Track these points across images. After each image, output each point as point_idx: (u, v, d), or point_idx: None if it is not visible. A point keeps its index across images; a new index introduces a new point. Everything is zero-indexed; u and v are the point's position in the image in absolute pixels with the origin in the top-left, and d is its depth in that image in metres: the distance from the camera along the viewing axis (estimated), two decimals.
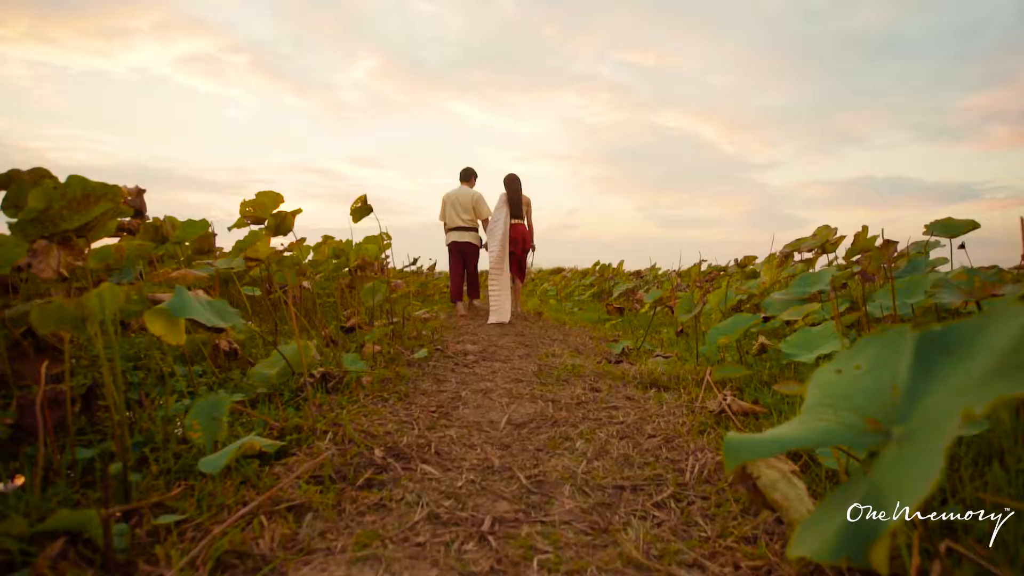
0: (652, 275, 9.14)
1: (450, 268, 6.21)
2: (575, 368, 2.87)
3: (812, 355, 2.24)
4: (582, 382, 2.60)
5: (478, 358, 3.13)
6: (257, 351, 3.17)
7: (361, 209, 3.46)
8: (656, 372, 2.84)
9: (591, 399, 2.23)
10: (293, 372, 2.43)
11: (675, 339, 4.47)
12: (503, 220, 5.75)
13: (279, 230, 3.44)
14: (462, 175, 6.16)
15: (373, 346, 3.10)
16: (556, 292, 10.20)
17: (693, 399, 2.35)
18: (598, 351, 3.80)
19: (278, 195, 3.55)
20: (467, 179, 6.13)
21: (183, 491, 1.27)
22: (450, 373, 2.69)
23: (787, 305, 3.13)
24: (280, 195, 3.55)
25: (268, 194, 3.51)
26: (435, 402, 2.11)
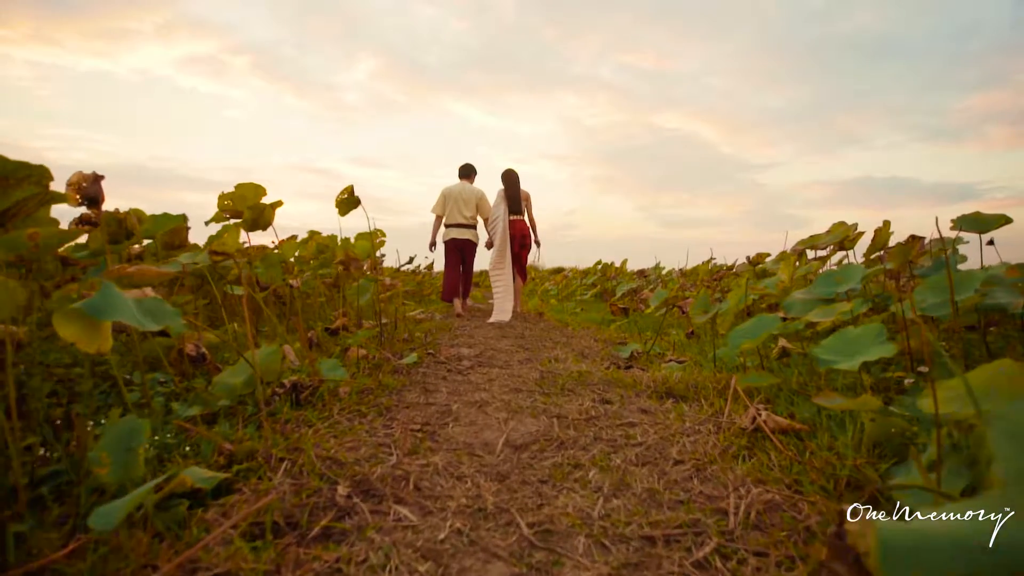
0: (656, 274, 8.83)
1: (446, 265, 5.94)
2: (581, 375, 2.56)
3: (854, 361, 1.93)
4: (590, 391, 2.29)
5: (474, 364, 2.82)
6: (231, 356, 2.87)
7: (347, 201, 3.15)
8: (671, 380, 2.54)
9: (602, 413, 1.92)
10: (262, 381, 2.12)
11: (686, 342, 4.16)
12: (502, 217, 5.49)
13: (257, 224, 3.13)
14: (462, 171, 5.94)
15: (358, 350, 2.79)
16: (557, 292, 9.89)
17: (718, 412, 2.04)
18: (605, 355, 3.49)
19: (259, 187, 3.25)
20: (467, 175, 5.91)
21: (79, 547, 0.96)
22: (441, 382, 2.38)
23: (811, 306, 2.82)
24: (262, 187, 3.25)
25: (249, 186, 3.22)
26: (421, 417, 1.81)
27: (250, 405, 1.93)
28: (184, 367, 2.45)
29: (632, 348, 3.54)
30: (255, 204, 3.07)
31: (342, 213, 3.20)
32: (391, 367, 2.53)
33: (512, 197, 5.64)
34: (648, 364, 3.22)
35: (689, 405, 2.20)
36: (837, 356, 2.06)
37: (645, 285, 8.24)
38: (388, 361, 2.68)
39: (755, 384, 2.23)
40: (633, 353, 3.46)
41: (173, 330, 1.64)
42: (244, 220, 3.09)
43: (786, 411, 2.00)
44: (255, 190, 3.23)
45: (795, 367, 2.83)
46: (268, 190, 3.23)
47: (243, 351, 2.81)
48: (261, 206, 3.08)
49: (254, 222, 3.11)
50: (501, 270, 5.51)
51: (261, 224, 3.14)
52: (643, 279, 9.03)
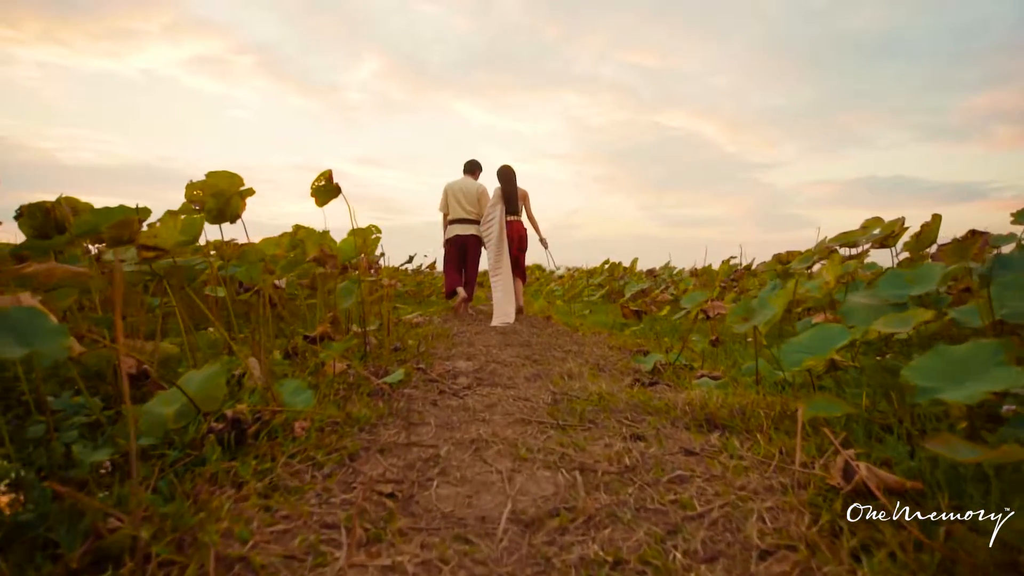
0: (667, 274, 8.33)
1: (446, 261, 5.51)
2: (603, 398, 2.08)
3: (967, 392, 1.45)
4: (617, 422, 1.81)
5: (472, 381, 2.34)
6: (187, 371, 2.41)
7: (324, 190, 2.67)
8: (711, 403, 2.05)
9: (638, 460, 1.43)
10: (198, 411, 1.65)
11: (711, 350, 3.68)
12: (498, 218, 5.05)
13: (223, 215, 2.66)
14: (466, 167, 5.57)
15: (334, 365, 2.32)
16: (563, 292, 9.40)
17: (783, 453, 1.55)
18: (623, 367, 3.01)
19: (235, 176, 2.78)
20: (471, 171, 5.56)
21: None
22: (431, 408, 1.90)
23: (876, 312, 2.34)
24: (237, 176, 2.79)
25: (222, 175, 2.75)
26: (396, 470, 1.32)
27: (176, 447, 1.46)
28: (120, 387, 1.99)
29: (655, 359, 3.05)
30: (218, 191, 2.60)
31: (320, 203, 2.72)
32: (370, 388, 2.05)
33: (508, 196, 5.20)
34: (675, 379, 2.74)
35: (741, 440, 1.72)
36: (939, 383, 1.57)
37: (656, 285, 7.75)
38: (369, 380, 2.20)
39: (823, 413, 1.74)
40: (656, 365, 2.98)
41: (49, 353, 1.17)
42: (208, 211, 2.62)
43: (869, 451, 1.52)
44: (230, 180, 2.76)
45: (853, 386, 2.35)
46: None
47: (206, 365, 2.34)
48: (227, 194, 2.60)
49: (219, 213, 2.64)
50: (499, 272, 5.07)
51: (228, 215, 2.66)
52: (653, 279, 8.53)
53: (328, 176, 2.65)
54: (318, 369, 2.36)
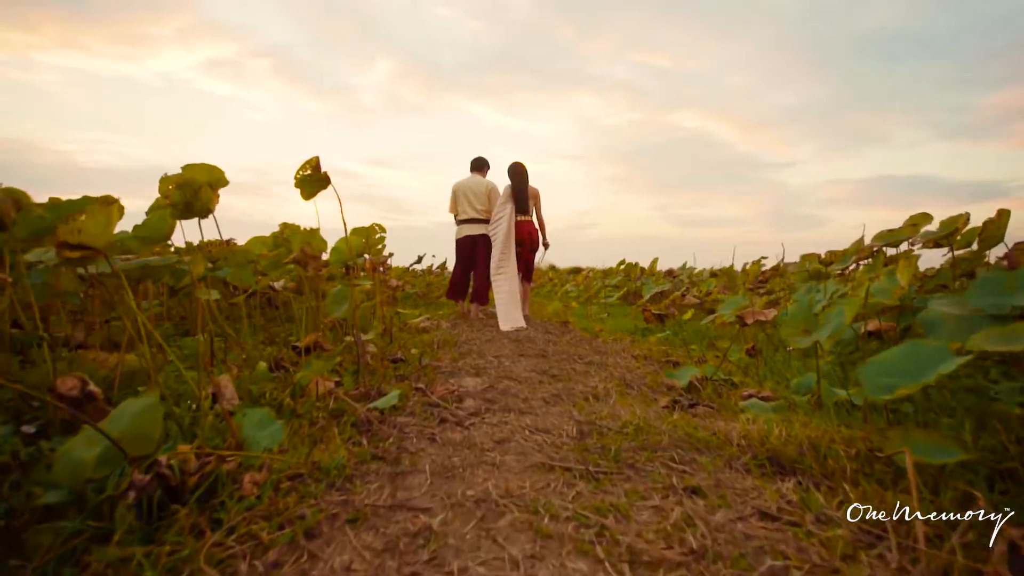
0: (686, 275, 7.89)
1: (456, 263, 5.18)
2: (639, 430, 1.68)
3: None
4: (662, 466, 1.41)
5: (480, 405, 1.94)
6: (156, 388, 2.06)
7: (311, 180, 2.30)
8: (773, 437, 1.64)
9: (705, 537, 1.03)
10: (126, 457, 1.27)
11: (747, 360, 3.27)
12: (507, 217, 4.70)
13: (191, 210, 2.29)
14: (474, 164, 5.23)
15: (317, 385, 1.94)
16: (578, 294, 8.99)
17: (894, 517, 1.15)
18: (654, 382, 2.60)
19: (214, 169, 2.42)
20: (479, 169, 5.22)
21: None
22: (427, 446, 1.51)
23: (968, 325, 1.92)
24: (218, 169, 2.43)
25: (199, 168, 2.39)
26: (369, 555, 0.94)
27: (90, 505, 1.08)
28: (62, 413, 1.64)
29: (689, 373, 2.64)
30: (185, 182, 2.23)
31: (306, 195, 2.34)
32: (356, 417, 1.66)
33: (519, 194, 4.83)
34: (717, 398, 2.33)
35: (823, 492, 1.32)
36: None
37: (676, 287, 7.31)
38: (358, 405, 1.82)
39: (932, 460, 1.34)
40: (692, 381, 2.57)
41: None
42: (173, 204, 2.26)
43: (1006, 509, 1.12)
44: (208, 173, 2.40)
45: (938, 411, 1.94)
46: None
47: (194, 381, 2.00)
48: (195, 186, 2.24)
49: (186, 207, 2.27)
50: (504, 273, 4.68)
51: (197, 210, 2.29)
52: (672, 280, 8.10)
53: (314, 164, 2.27)
54: (299, 391, 1.98)
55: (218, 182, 2.44)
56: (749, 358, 3.38)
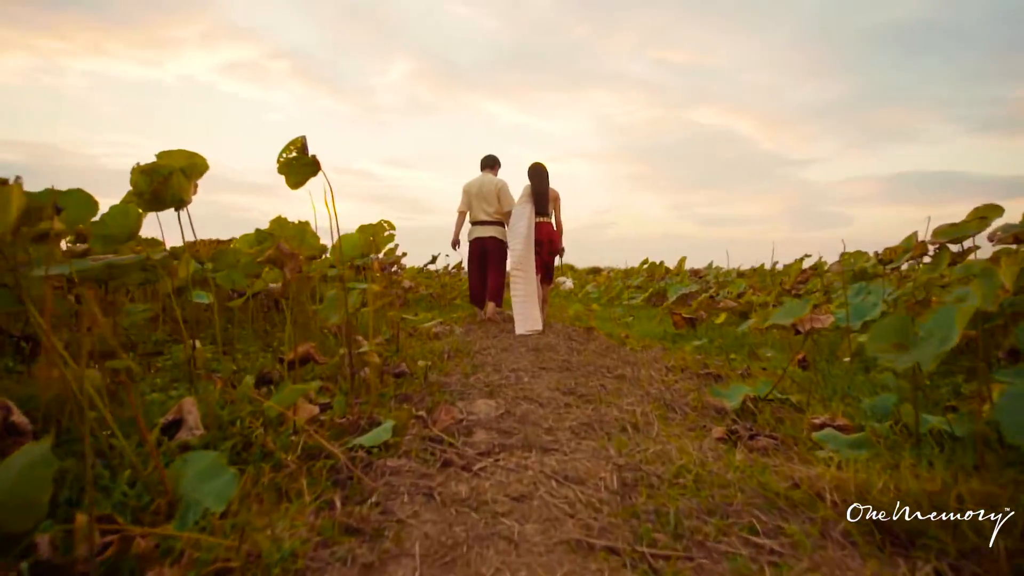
0: (714, 275, 7.44)
1: (470, 268, 4.90)
2: (699, 477, 1.29)
3: None
4: (739, 540, 1.02)
5: (492, 440, 1.56)
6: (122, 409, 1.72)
7: (297, 164, 1.94)
8: (875, 491, 1.25)
9: None
10: None
11: (800, 374, 2.85)
12: (527, 217, 4.43)
13: (159, 200, 1.95)
14: (484, 163, 4.97)
15: (296, 411, 1.58)
16: (599, 295, 8.56)
17: None
18: (699, 404, 2.20)
19: (195, 156, 2.10)
20: (490, 167, 4.96)
21: None
22: (420, 509, 1.12)
23: None
24: (199, 156, 2.10)
25: (178, 155, 2.06)
26: None
27: None
28: None
29: (740, 392, 2.23)
30: (153, 169, 1.89)
31: (293, 183, 1.98)
32: (335, 461, 1.29)
33: (540, 195, 4.55)
34: (779, 425, 1.93)
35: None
36: None
37: (704, 288, 6.86)
38: (346, 433, 1.45)
39: None
40: (746, 403, 2.17)
41: None
42: (139, 194, 1.91)
43: None
44: (187, 159, 2.07)
45: None
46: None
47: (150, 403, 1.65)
48: (163, 172, 1.89)
49: (155, 197, 1.93)
50: (521, 273, 4.38)
51: (167, 200, 1.95)
52: (698, 280, 7.65)
53: (300, 146, 1.91)
54: (275, 421, 1.62)
55: (195, 169, 2.10)
56: (801, 371, 2.96)
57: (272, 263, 1.81)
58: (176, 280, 2.68)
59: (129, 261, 2.13)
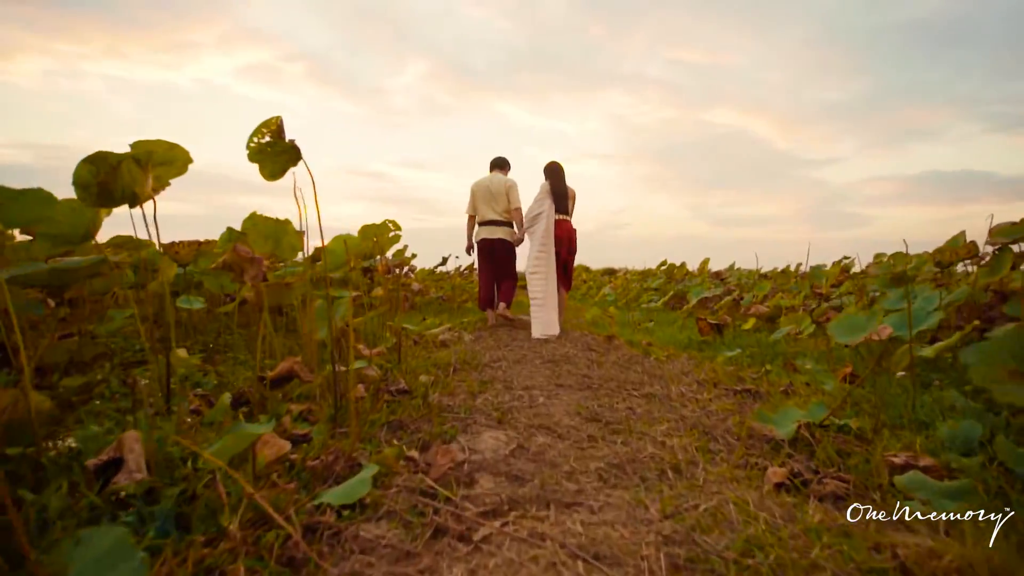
0: (736, 277, 7.04)
1: (479, 270, 4.62)
2: (767, 552, 0.95)
3: None
4: None
5: (500, 492, 1.23)
6: None
7: (272, 151, 1.63)
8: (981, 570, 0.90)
9: None
10: None
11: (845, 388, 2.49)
12: (546, 215, 4.22)
13: (109, 195, 1.64)
14: (493, 163, 4.75)
15: (260, 449, 1.27)
16: (615, 297, 8.20)
17: None
18: (743, 431, 1.86)
19: (175, 147, 1.81)
20: (500, 167, 4.74)
21: None
22: None
23: None
24: (180, 148, 1.81)
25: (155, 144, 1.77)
26: None
27: None
28: None
29: (791, 417, 1.89)
30: (97, 158, 1.59)
31: (269, 173, 1.67)
32: (284, 536, 0.97)
33: (558, 193, 4.37)
34: (844, 460, 1.58)
35: None
36: None
37: (726, 291, 6.48)
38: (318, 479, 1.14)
39: None
40: (800, 430, 1.82)
41: None
42: (84, 187, 1.62)
43: None
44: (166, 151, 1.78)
45: None
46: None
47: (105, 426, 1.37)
48: (111, 162, 1.59)
49: (103, 191, 1.62)
50: (541, 274, 4.16)
51: (118, 195, 1.65)
52: (719, 282, 7.26)
53: (275, 128, 1.60)
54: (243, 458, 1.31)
55: (173, 162, 1.80)
56: (849, 384, 2.61)
57: (229, 270, 1.49)
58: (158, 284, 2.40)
59: (78, 264, 1.84)
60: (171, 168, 1.86)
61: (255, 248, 1.67)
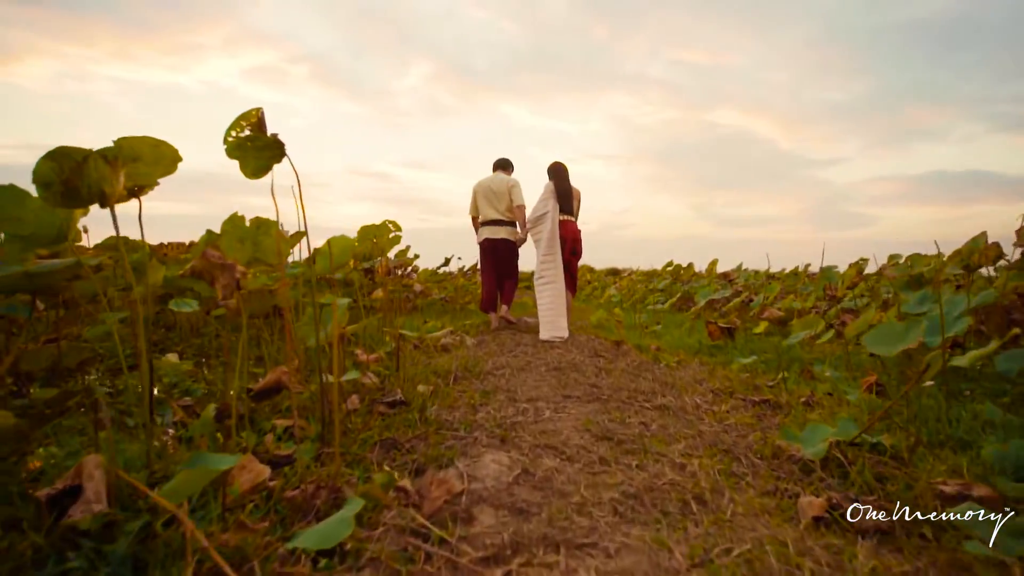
0: (745, 278, 6.87)
1: (482, 271, 4.50)
2: None
3: None
4: None
5: (501, 527, 1.07)
6: None
7: (253, 146, 1.47)
8: None
9: None
10: None
11: (876, 403, 2.33)
12: (551, 216, 4.11)
13: (75, 194, 1.49)
14: (496, 164, 4.64)
15: (235, 477, 1.12)
16: (621, 299, 8.03)
17: None
18: (767, 451, 1.70)
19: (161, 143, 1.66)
20: (503, 168, 4.64)
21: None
22: None
23: None
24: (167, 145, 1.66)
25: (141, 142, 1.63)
26: None
27: None
28: None
29: (820, 435, 1.73)
30: (61, 153, 1.44)
31: (250, 170, 1.52)
32: None
33: (563, 193, 4.24)
34: (882, 486, 1.42)
35: None
36: None
37: (734, 293, 6.31)
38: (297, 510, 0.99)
39: None
40: (831, 450, 1.66)
41: None
42: (46, 185, 1.47)
43: None
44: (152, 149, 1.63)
45: None
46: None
47: None
48: (75, 158, 1.44)
49: (68, 189, 1.47)
50: (550, 277, 4.06)
51: (85, 194, 1.50)
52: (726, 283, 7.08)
53: (255, 121, 1.45)
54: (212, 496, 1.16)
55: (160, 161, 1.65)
56: (871, 395, 2.45)
57: (199, 277, 1.34)
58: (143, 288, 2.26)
59: (53, 268, 1.69)
60: (158, 167, 1.70)
61: (230, 252, 1.52)
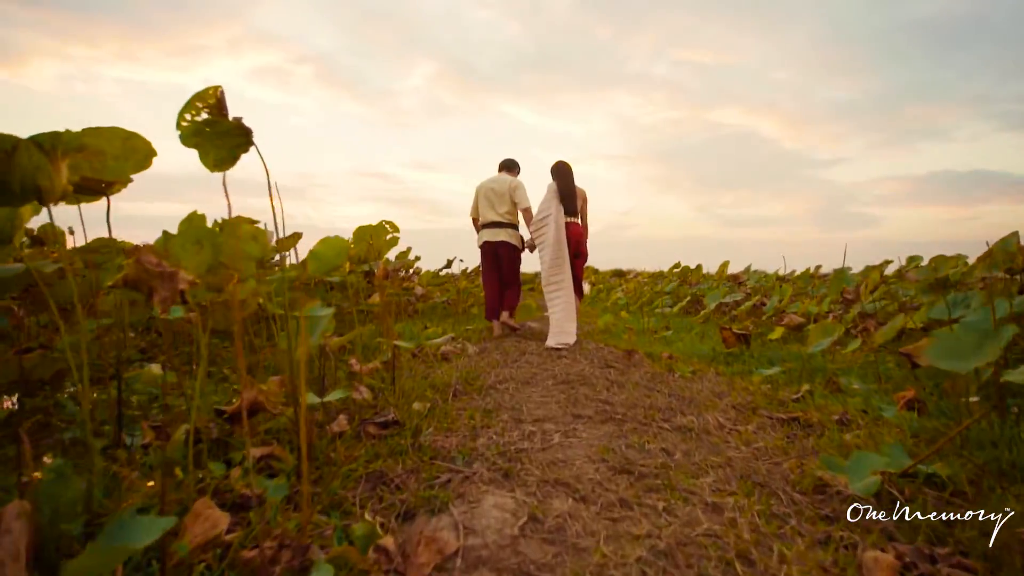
0: (757, 280, 6.63)
1: (483, 276, 4.30)
2: None
3: None
4: None
5: None
6: None
7: (210, 131, 1.26)
8: None
9: None
10: None
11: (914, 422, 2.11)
12: (554, 219, 3.92)
13: (6, 188, 1.29)
14: (502, 165, 4.43)
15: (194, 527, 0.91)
16: (627, 301, 7.80)
17: None
18: (804, 484, 1.47)
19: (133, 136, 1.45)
20: (508, 169, 4.42)
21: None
22: None
23: None
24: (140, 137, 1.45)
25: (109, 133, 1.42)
26: None
27: None
28: None
29: (870, 466, 1.50)
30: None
31: (212, 161, 1.30)
32: None
33: (567, 194, 4.04)
34: (949, 530, 1.20)
35: None
36: None
37: (745, 296, 6.07)
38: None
39: None
40: (883, 484, 1.44)
41: None
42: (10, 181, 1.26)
43: None
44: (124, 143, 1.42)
45: None
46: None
47: None
48: (6, 147, 1.23)
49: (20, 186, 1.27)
50: (559, 282, 3.89)
51: (19, 190, 1.28)
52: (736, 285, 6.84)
53: (214, 102, 1.23)
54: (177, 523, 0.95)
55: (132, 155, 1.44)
56: (911, 412, 2.22)
57: (131, 287, 1.13)
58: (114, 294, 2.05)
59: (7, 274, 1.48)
60: (128, 162, 1.49)
61: (183, 258, 1.30)
